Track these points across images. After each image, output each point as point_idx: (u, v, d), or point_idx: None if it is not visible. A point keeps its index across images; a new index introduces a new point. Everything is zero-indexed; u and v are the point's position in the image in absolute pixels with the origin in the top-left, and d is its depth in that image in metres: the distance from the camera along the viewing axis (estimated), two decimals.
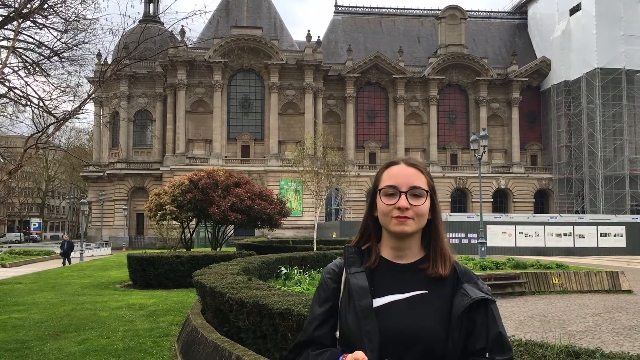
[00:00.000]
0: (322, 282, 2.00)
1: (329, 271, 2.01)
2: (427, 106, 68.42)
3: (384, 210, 1.94)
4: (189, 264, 16.95)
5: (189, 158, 61.63)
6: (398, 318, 1.84)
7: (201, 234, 41.85)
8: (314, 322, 1.93)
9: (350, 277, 1.92)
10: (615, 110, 59.72)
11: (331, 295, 1.94)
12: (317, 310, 1.94)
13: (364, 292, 1.87)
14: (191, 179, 22.85)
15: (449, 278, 1.95)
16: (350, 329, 1.85)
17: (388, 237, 1.97)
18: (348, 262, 1.98)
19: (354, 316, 1.85)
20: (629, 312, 14.21)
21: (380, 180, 1.98)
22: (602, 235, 45.02)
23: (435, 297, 1.90)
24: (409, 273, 1.94)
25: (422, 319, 1.85)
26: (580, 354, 3.71)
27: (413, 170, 1.97)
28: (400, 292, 1.89)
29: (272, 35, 64.94)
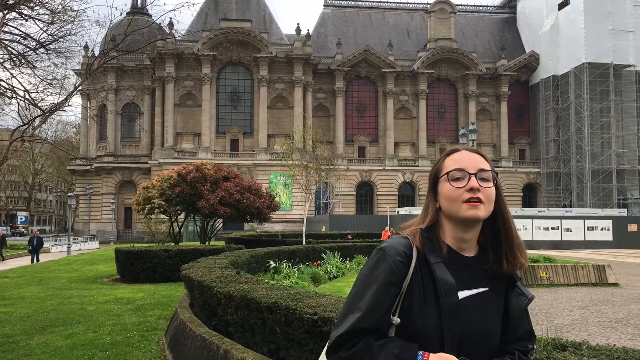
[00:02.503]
0: (389, 264, 1.76)
1: (400, 253, 1.78)
2: (416, 100, 68.53)
3: (452, 195, 1.82)
4: (177, 258, 16.89)
5: (177, 152, 61.33)
6: (471, 317, 1.77)
7: (190, 228, 41.72)
8: (380, 307, 1.72)
9: (434, 267, 1.77)
10: (603, 104, 60.15)
11: (400, 280, 1.75)
12: (384, 295, 1.73)
13: (451, 287, 1.76)
14: (179, 173, 22.74)
15: (504, 275, 1.90)
16: (427, 326, 1.73)
17: (453, 227, 1.86)
18: (427, 248, 1.81)
19: (436, 313, 1.73)
20: (615, 305, 14.35)
21: (442, 168, 1.89)
22: (589, 229, 45.45)
23: (495, 295, 1.86)
24: (472, 267, 1.86)
25: (489, 319, 1.81)
26: (567, 346, 3.73)
27: (477, 156, 1.89)
28: (467, 288, 1.81)
29: (262, 29, 64.67)
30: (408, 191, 67.39)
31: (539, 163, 67.94)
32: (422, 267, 1.78)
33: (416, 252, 1.80)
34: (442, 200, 1.86)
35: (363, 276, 1.79)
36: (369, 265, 1.81)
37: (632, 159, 60.46)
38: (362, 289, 1.76)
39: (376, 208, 64.51)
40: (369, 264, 1.81)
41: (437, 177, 1.89)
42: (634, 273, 23.11)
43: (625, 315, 12.76)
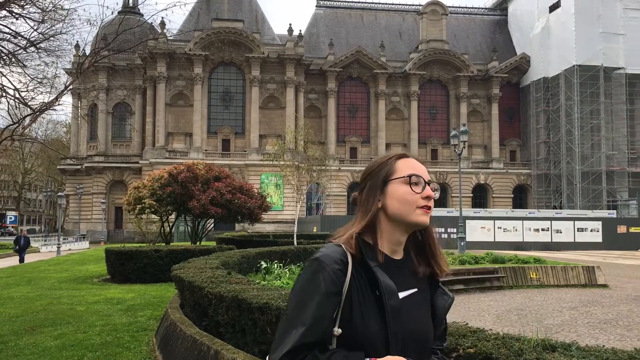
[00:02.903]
0: (327, 273, 1.72)
1: (337, 261, 1.75)
2: (408, 101, 68.69)
3: (409, 199, 1.84)
4: (168, 258, 16.82)
5: (168, 151, 61.14)
6: (408, 318, 1.78)
7: (181, 228, 41.58)
8: (323, 319, 1.68)
9: (375, 271, 1.77)
10: (593, 107, 60.54)
11: (340, 289, 1.72)
12: (326, 306, 1.70)
13: (393, 290, 1.76)
14: (171, 173, 22.66)
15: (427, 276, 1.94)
16: (370, 331, 1.71)
17: (394, 229, 1.87)
18: (364, 253, 1.81)
19: (378, 317, 1.72)
20: (604, 306, 14.44)
21: (394, 170, 1.89)
22: (579, 231, 45.72)
23: (424, 296, 1.90)
24: (402, 269, 1.88)
25: (423, 319, 1.85)
26: (557, 347, 3.75)
27: (424, 166, 1.94)
28: (401, 290, 1.82)
29: (254, 29, 64.60)
30: None
31: (529, 164, 68.27)
32: (359, 273, 1.77)
33: (351, 258, 1.78)
34: (392, 201, 1.86)
35: (301, 289, 1.75)
36: (305, 277, 1.76)
37: (621, 160, 60.88)
38: (303, 302, 1.70)
39: None
40: (305, 276, 1.77)
41: (388, 178, 1.88)
42: (623, 274, 23.28)
43: (614, 316, 12.85)
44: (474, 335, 4.06)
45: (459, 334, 4.11)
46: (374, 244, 1.85)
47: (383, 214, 1.87)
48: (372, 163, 1.96)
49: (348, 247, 1.80)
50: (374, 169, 1.93)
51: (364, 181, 1.94)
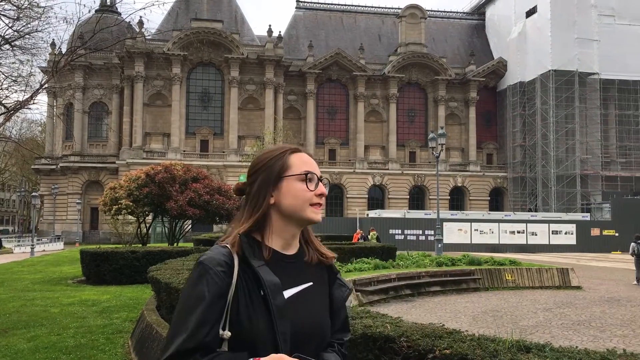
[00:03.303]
0: (211, 276, 1.68)
1: (221, 263, 1.71)
2: (387, 104, 69.04)
3: (304, 196, 1.82)
4: (145, 260, 16.67)
5: (146, 152, 60.58)
6: (300, 314, 1.76)
7: (158, 229, 41.20)
8: (205, 324, 1.64)
9: (258, 270, 1.73)
10: (568, 111, 61.50)
11: (225, 292, 1.69)
12: (209, 310, 1.66)
13: (278, 288, 1.73)
14: (148, 173, 22.48)
15: (324, 269, 1.94)
16: (258, 330, 1.68)
17: (286, 225, 1.84)
18: (248, 252, 1.77)
19: (265, 316, 1.69)
20: (578, 307, 14.68)
21: (288, 165, 1.84)
22: (554, 233, 46.40)
23: (320, 289, 1.88)
24: (296, 264, 1.85)
25: (318, 312, 1.83)
26: (531, 348, 3.80)
27: (314, 162, 1.91)
28: (294, 286, 1.80)
29: (233, 29, 64.36)
30: (378, 194, 67.82)
31: (505, 168, 69.09)
32: (246, 274, 1.74)
33: (237, 259, 1.74)
34: (287, 197, 1.82)
35: (186, 294, 1.70)
36: (190, 281, 1.72)
37: (595, 164, 61.93)
38: (187, 308, 1.67)
39: (346, 210, 64.74)
40: (190, 280, 1.72)
41: (283, 173, 1.84)
42: (596, 276, 23.69)
43: (587, 317, 13.07)
44: (450, 337, 4.10)
45: (435, 335, 4.15)
46: (261, 243, 1.82)
47: (275, 210, 1.83)
48: (263, 155, 1.90)
49: (233, 248, 1.76)
50: (265, 163, 1.86)
51: (254, 174, 1.86)
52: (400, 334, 4.20)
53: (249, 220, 1.82)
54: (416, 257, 20.95)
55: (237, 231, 1.80)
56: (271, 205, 1.83)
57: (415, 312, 13.52)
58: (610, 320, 12.62)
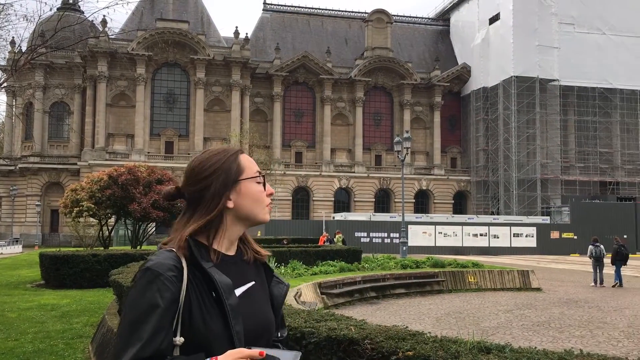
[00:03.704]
0: (162, 282, 1.65)
1: (171, 267, 1.68)
2: (353, 107, 69.43)
3: (260, 198, 1.86)
4: (107, 263, 16.38)
5: (108, 153, 59.55)
6: (249, 312, 1.77)
7: (120, 232, 40.53)
8: (161, 331, 1.61)
9: (210, 272, 1.71)
10: (529, 117, 62.89)
11: (177, 297, 1.66)
12: (163, 317, 1.62)
13: (230, 288, 1.72)
14: (111, 175, 22.10)
15: (261, 267, 1.95)
16: (213, 332, 1.67)
17: (237, 227, 1.86)
18: (197, 255, 1.74)
19: (220, 317, 1.69)
20: (537, 308, 15.01)
21: (242, 167, 1.85)
22: (515, 236, 47.36)
23: (261, 287, 1.89)
24: (238, 265, 1.86)
25: (264, 310, 1.85)
26: (492, 349, 3.87)
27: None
28: (239, 286, 1.80)
29: (199, 30, 63.82)
30: (344, 197, 68.10)
31: (469, 171, 70.22)
32: (196, 277, 1.72)
33: (185, 262, 1.72)
34: (246, 201, 1.84)
35: (134, 302, 1.65)
36: (138, 288, 1.66)
37: (555, 169, 63.46)
38: (138, 317, 1.61)
39: (312, 213, 64.81)
40: (138, 287, 1.66)
41: (239, 176, 1.85)
42: (555, 278, 24.26)
43: (546, 318, 13.37)
44: (413, 339, 4.15)
45: (399, 337, 4.19)
46: (209, 244, 1.80)
47: (229, 212, 1.83)
48: (212, 158, 1.85)
49: (180, 251, 1.74)
50: (220, 166, 1.83)
51: (207, 178, 1.82)
52: (365, 336, 4.23)
53: (198, 223, 1.79)
54: (381, 260, 21.10)
55: (184, 234, 1.77)
56: (226, 208, 1.82)
57: (379, 315, 13.62)
58: (568, 321, 12.94)
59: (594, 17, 63.66)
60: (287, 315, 5.25)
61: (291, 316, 5.22)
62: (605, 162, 65.49)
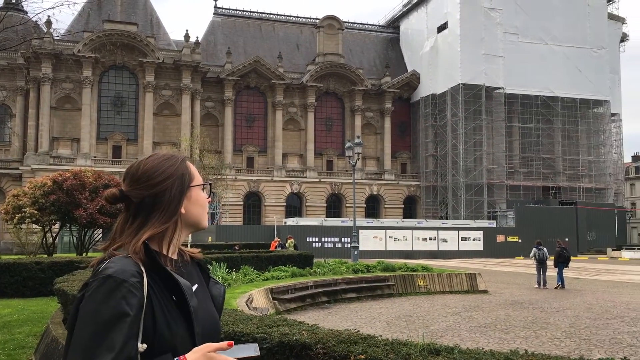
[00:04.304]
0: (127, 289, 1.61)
1: (133, 274, 1.65)
2: (305, 112, 69.59)
3: (205, 204, 1.92)
4: (51, 271, 15.86)
5: (53, 157, 57.69)
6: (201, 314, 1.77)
7: (65, 239, 39.24)
8: (131, 339, 1.57)
9: (174, 276, 1.72)
10: (476, 123, 64.52)
11: (142, 304, 1.63)
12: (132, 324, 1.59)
13: (192, 292, 1.75)
14: (55, 180, 21.43)
15: (198, 269, 1.96)
16: (178, 336, 1.68)
17: (184, 233, 1.88)
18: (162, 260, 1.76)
19: (184, 321, 1.70)
20: (484, 310, 15.39)
21: (191, 175, 1.88)
22: (463, 240, 48.43)
23: (202, 288, 1.89)
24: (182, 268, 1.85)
25: (211, 311, 1.86)
26: (441, 351, 3.97)
27: None
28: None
29: (148, 33, 62.69)
30: (295, 202, 68.09)
31: (419, 176, 71.42)
32: (155, 282, 1.71)
33: (144, 268, 1.70)
34: (196, 207, 1.87)
35: (96, 312, 1.58)
36: (99, 297, 1.60)
37: (500, 174, 65.27)
38: (104, 326, 1.56)
39: (264, 218, 64.50)
40: (98, 296, 1.60)
41: (190, 182, 1.87)
42: (501, 281, 24.95)
43: (493, 320, 13.73)
44: (364, 342, 4.21)
45: (351, 341, 4.24)
46: (159, 249, 1.80)
47: (180, 218, 1.84)
48: (163, 163, 1.84)
49: (137, 257, 1.71)
50: (173, 172, 1.84)
51: (161, 183, 1.80)
52: (317, 341, 4.26)
53: (155, 228, 1.78)
54: (333, 265, 21.21)
55: (140, 239, 1.75)
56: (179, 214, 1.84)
57: (331, 319, 13.68)
58: (514, 323, 13.33)
59: (536, 27, 65.93)
60: (239, 321, 5.23)
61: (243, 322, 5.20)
62: (548, 167, 67.83)
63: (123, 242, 1.78)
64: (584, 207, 58.77)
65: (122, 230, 1.81)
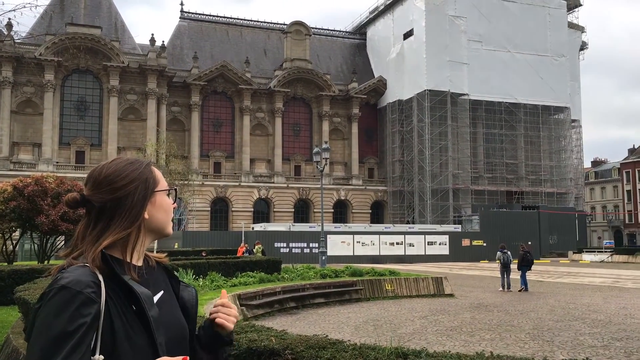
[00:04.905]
0: (81, 300, 1.56)
1: (89, 284, 1.60)
2: (272, 118, 69.47)
3: (169, 210, 1.87)
4: (11, 279, 15.41)
5: (13, 163, 56.29)
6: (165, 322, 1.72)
7: (26, 246, 38.22)
8: (78, 349, 1.51)
9: (131, 284, 1.66)
10: (442, 129, 65.42)
11: (98, 313, 1.59)
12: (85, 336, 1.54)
13: (151, 299, 1.68)
14: (15, 186, 20.87)
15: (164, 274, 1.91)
16: (137, 347, 1.62)
17: (147, 239, 1.83)
18: (117, 269, 1.69)
19: (144, 331, 1.64)
20: (450, 314, 15.57)
21: (156, 180, 1.84)
22: (429, 244, 48.94)
23: (169, 294, 1.85)
24: (147, 274, 1.80)
25: (178, 318, 1.81)
26: (408, 354, 4.00)
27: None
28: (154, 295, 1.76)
29: (113, 36, 61.75)
30: (263, 207, 67.83)
31: (386, 182, 71.97)
32: (114, 291, 1.66)
33: (102, 277, 1.65)
34: (160, 213, 1.83)
35: (49, 324, 1.53)
36: (52, 308, 1.55)
37: (465, 179, 66.28)
38: (53, 340, 1.50)
39: (231, 224, 64.06)
40: (52, 307, 1.55)
41: (155, 187, 1.83)
42: (467, 284, 25.29)
43: (459, 323, 13.90)
44: (333, 347, 4.22)
45: (319, 346, 4.25)
46: (123, 256, 1.75)
47: (143, 224, 1.80)
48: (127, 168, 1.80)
49: (95, 266, 1.66)
50: (137, 176, 1.79)
51: (124, 187, 1.76)
52: (285, 346, 4.25)
53: (116, 234, 1.73)
54: (301, 270, 21.18)
55: (98, 247, 1.70)
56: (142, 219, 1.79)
57: (300, 325, 13.66)
58: (479, 325, 13.52)
59: (499, 35, 67.32)
60: None
61: None
62: (511, 172, 69.17)
63: (83, 249, 1.72)
64: (546, 211, 60.06)
65: (84, 237, 1.75)
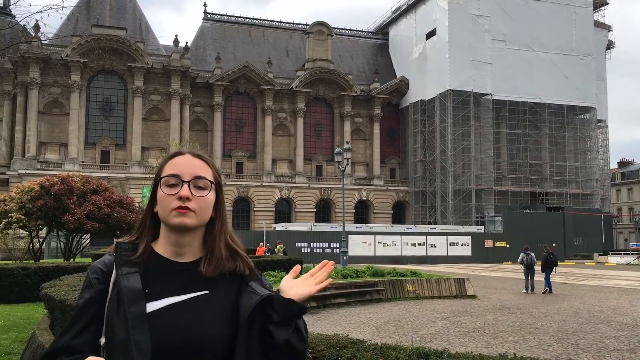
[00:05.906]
0: (87, 283, 1.73)
1: (96, 270, 1.74)
2: (294, 118, 69.62)
3: (164, 202, 1.76)
4: (37, 276, 15.70)
5: (40, 162, 57.26)
6: (175, 324, 1.67)
7: (53, 244, 38.94)
8: (72, 328, 1.68)
9: (121, 278, 1.68)
10: (464, 129, 64.88)
11: (97, 298, 1.69)
12: (80, 315, 1.70)
13: (137, 296, 1.67)
14: (43, 185, 21.28)
15: (235, 277, 1.83)
16: (118, 339, 1.63)
17: (167, 232, 1.79)
18: (121, 260, 1.73)
19: (123, 324, 1.63)
20: (473, 315, 15.44)
21: (162, 171, 1.81)
22: (451, 245, 48.59)
23: (217, 298, 1.76)
24: (188, 272, 1.77)
25: (204, 323, 1.70)
26: (430, 355, 3.98)
27: (199, 161, 1.84)
28: (179, 294, 1.72)
29: (137, 38, 62.48)
30: (285, 207, 68.02)
31: (407, 182, 71.62)
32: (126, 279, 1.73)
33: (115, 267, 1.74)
34: (159, 205, 1.80)
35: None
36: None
37: (488, 179, 65.63)
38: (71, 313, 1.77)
39: (253, 224, 64.36)
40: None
41: (157, 181, 1.82)
42: (489, 286, 25.05)
43: (481, 325, 13.78)
44: (354, 347, 4.21)
45: (340, 345, 4.25)
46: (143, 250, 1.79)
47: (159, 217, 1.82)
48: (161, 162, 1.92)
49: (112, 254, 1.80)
50: (158, 167, 1.87)
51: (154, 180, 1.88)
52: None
53: (137, 229, 1.86)
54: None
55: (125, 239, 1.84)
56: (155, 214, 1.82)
57: (321, 324, 13.66)
58: (502, 327, 13.38)
59: (524, 34, 66.50)
60: None
61: None
62: (535, 173, 68.28)
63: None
64: (571, 212, 59.18)
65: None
